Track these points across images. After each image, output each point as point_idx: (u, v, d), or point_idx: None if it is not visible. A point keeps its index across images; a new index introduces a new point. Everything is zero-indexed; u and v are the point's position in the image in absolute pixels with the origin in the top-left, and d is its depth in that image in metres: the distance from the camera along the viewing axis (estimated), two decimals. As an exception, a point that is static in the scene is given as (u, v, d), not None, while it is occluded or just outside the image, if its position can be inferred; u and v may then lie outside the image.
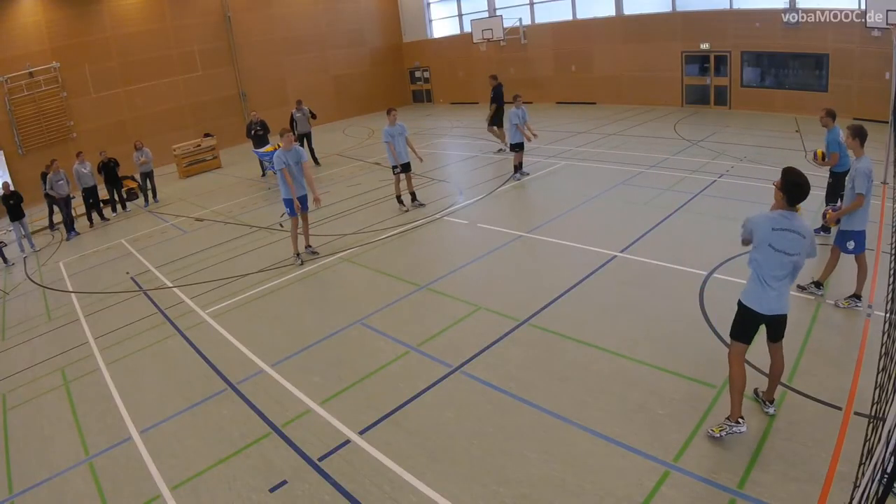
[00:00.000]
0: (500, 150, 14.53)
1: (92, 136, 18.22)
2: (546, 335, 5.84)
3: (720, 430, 4.03)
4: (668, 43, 18.30)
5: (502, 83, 14.70)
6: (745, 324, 4.05)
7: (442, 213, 10.23)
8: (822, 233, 7.36)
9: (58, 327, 7.94)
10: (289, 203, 8.46)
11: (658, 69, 18.74)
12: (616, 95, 20.18)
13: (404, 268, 8.10)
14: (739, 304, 4.06)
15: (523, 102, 11.84)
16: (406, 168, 10.42)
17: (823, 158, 7.03)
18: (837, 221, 5.77)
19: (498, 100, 14.37)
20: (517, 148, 11.78)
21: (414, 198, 10.81)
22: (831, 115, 7.09)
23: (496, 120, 14.57)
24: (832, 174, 7.46)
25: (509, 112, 11.66)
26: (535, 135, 11.86)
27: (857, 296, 5.68)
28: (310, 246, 8.97)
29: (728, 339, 4.23)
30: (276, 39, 22.80)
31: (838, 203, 6.45)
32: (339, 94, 24.60)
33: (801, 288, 6.04)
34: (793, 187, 3.78)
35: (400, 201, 10.71)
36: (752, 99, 16.98)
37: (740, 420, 4.00)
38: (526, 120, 11.68)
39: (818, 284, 5.97)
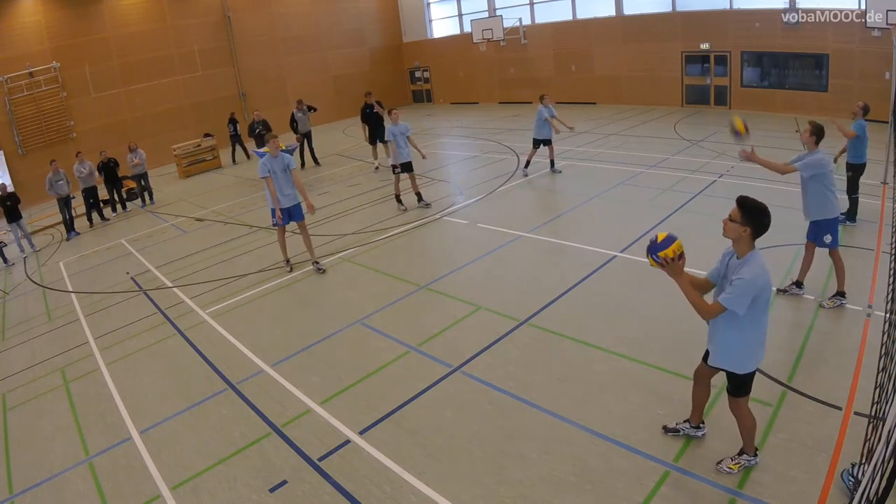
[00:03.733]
0: (378, 167, 14.27)
1: (92, 136, 18.24)
2: (546, 335, 5.84)
3: (738, 467, 3.80)
4: (668, 43, 18.31)
5: (378, 101, 14.18)
6: (752, 380, 3.65)
7: (442, 213, 10.23)
8: (847, 222, 7.64)
9: (58, 327, 7.94)
10: (274, 213, 8.07)
11: (658, 69, 18.74)
12: (616, 95, 20.19)
13: (404, 268, 8.10)
14: (744, 375, 3.58)
15: (549, 100, 11.84)
16: (407, 168, 10.40)
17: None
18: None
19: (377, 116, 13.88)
20: (544, 143, 11.78)
21: (420, 198, 10.74)
22: (865, 109, 7.64)
23: (379, 136, 13.91)
24: (850, 167, 7.73)
25: (538, 108, 11.61)
26: (570, 126, 12.06)
27: (841, 293, 5.66)
28: (316, 262, 8.41)
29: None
30: (276, 39, 22.81)
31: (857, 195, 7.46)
32: (339, 94, 24.61)
33: (783, 291, 6.03)
34: (761, 214, 3.32)
35: (399, 201, 10.70)
36: (752, 99, 16.98)
37: (758, 453, 3.84)
38: (554, 115, 11.66)
39: (799, 284, 5.97)
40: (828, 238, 5.62)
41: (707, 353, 3.80)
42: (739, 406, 3.70)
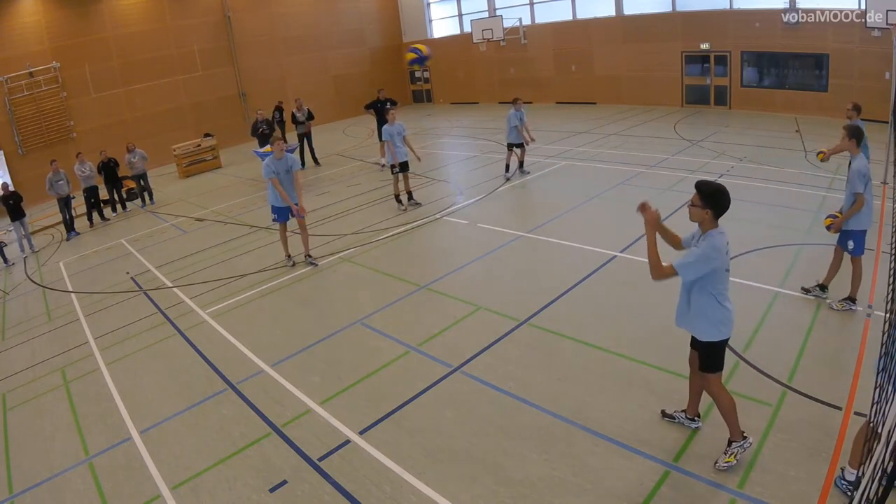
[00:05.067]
0: (384, 165, 14.12)
1: (92, 136, 18.22)
2: (546, 335, 5.84)
3: (734, 457, 3.83)
4: (668, 43, 18.31)
5: (390, 98, 14.31)
6: (723, 353, 3.79)
7: (442, 213, 10.23)
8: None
9: (58, 327, 7.94)
10: (276, 210, 8.36)
11: (658, 69, 18.74)
12: (616, 95, 20.18)
13: (404, 268, 8.10)
14: (713, 343, 3.73)
15: (522, 104, 11.82)
16: (404, 167, 10.44)
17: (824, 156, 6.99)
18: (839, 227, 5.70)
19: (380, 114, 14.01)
20: (516, 147, 11.83)
21: (410, 197, 10.83)
22: (857, 108, 7.36)
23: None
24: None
25: (508, 113, 11.67)
26: (532, 138, 11.99)
27: (851, 298, 5.64)
28: (309, 255, 8.63)
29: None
30: (276, 39, 22.80)
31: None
32: (339, 94, 24.60)
33: (806, 291, 6.01)
34: (719, 196, 3.52)
35: (399, 201, 10.74)
36: (752, 99, 16.98)
37: (746, 436, 3.87)
38: (524, 122, 11.70)
39: (823, 287, 5.93)
40: (850, 244, 5.60)
41: (693, 340, 3.95)
42: (711, 384, 3.82)
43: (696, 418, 4.27)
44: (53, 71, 17.63)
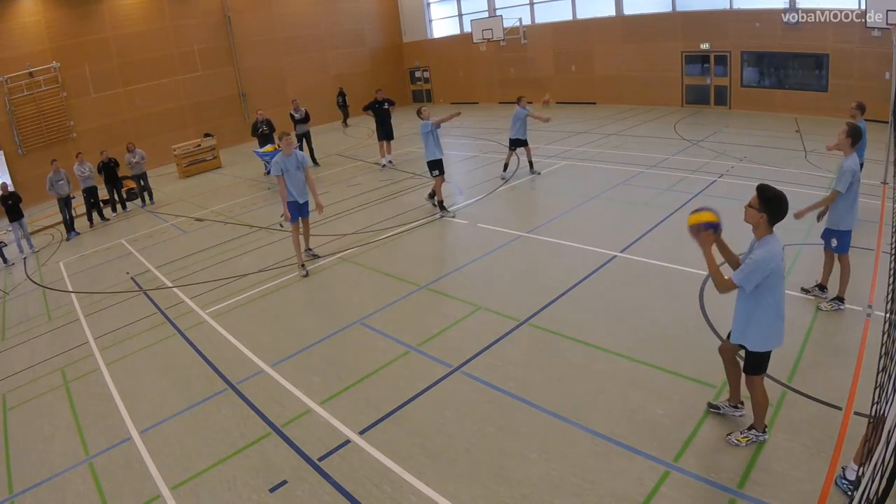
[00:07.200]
0: (384, 165, 14.52)
1: (92, 136, 18.23)
2: (546, 335, 5.84)
3: (747, 441, 3.98)
4: (668, 43, 18.31)
5: (388, 98, 14.46)
6: (768, 359, 3.86)
7: (442, 213, 10.22)
8: None
9: (58, 327, 7.94)
10: (291, 206, 8.14)
11: (658, 69, 18.74)
12: (616, 95, 20.18)
13: (404, 268, 8.10)
14: (756, 354, 3.80)
15: (527, 102, 11.81)
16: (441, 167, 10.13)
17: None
18: (819, 217, 5.68)
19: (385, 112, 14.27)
20: (518, 145, 11.80)
21: (431, 196, 10.54)
22: (861, 108, 7.30)
23: (387, 133, 14.45)
24: None
25: (515, 111, 11.63)
26: (547, 118, 11.91)
27: (839, 298, 5.65)
28: (310, 249, 8.85)
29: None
30: (276, 39, 22.80)
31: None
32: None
33: (806, 291, 6.02)
34: (777, 202, 3.57)
35: (443, 207, 10.12)
36: (752, 99, 16.98)
37: (766, 430, 4.01)
38: (529, 112, 11.65)
39: (822, 287, 5.94)
40: (833, 242, 5.60)
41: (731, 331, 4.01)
42: (753, 383, 3.90)
43: (739, 405, 4.30)
44: (53, 71, 17.63)
